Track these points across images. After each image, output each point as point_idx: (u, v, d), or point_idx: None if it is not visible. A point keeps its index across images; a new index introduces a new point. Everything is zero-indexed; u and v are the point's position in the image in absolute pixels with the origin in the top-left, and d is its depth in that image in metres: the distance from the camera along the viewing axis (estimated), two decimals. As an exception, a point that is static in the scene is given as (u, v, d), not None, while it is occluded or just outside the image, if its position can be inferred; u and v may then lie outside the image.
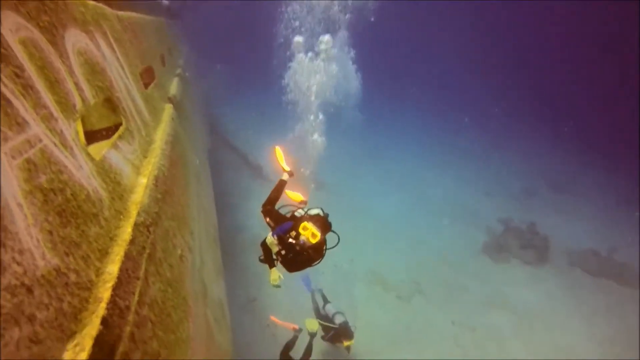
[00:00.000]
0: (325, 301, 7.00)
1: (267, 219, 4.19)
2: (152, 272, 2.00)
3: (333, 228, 3.76)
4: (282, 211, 4.27)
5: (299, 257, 3.71)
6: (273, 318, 6.68)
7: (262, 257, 3.99)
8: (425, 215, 12.63)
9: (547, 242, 11.41)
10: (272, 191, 4.40)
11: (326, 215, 3.87)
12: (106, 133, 2.56)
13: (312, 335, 6.24)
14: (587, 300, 9.50)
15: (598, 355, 7.87)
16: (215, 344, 3.19)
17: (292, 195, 4.64)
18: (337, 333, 6.33)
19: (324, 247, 3.74)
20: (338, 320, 6.44)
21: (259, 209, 4.39)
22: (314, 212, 3.87)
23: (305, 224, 3.58)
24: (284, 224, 3.84)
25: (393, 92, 28.93)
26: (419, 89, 29.47)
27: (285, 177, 4.61)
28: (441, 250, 10.77)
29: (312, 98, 10.14)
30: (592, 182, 17.62)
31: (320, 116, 10.29)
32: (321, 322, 6.58)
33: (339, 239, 3.77)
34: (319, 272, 7.90)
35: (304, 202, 4.56)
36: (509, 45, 36.73)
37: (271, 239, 3.85)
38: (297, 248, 3.60)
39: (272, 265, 3.91)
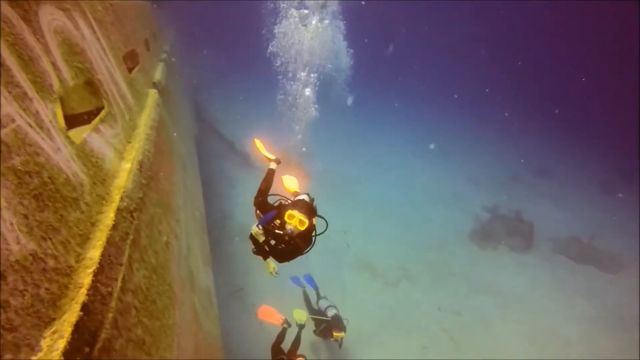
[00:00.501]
0: (319, 297, 6.97)
1: (258, 211, 4.07)
2: (137, 259, 1.95)
3: (320, 213, 3.70)
4: (271, 200, 4.17)
5: (288, 247, 3.62)
6: (261, 314, 6.48)
7: (255, 250, 3.87)
8: (414, 202, 12.73)
9: (532, 229, 11.63)
10: (262, 182, 4.26)
11: (311, 200, 3.81)
12: (87, 117, 2.47)
13: (301, 327, 6.20)
14: (569, 285, 9.76)
15: (579, 334, 8.14)
16: (202, 331, 3.16)
17: (288, 185, 4.48)
18: (328, 326, 6.26)
19: (313, 234, 3.68)
20: (330, 313, 6.38)
21: (246, 198, 4.29)
22: (299, 197, 3.81)
23: (290, 212, 3.47)
24: (267, 214, 3.74)
25: (382, 78, 28.87)
26: (407, 76, 29.45)
27: (272, 165, 4.50)
28: (429, 237, 10.89)
29: (305, 56, 10.03)
30: (576, 170, 18.01)
31: (312, 75, 10.19)
32: (313, 316, 6.54)
33: (327, 224, 3.71)
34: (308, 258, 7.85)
35: (297, 194, 4.44)
36: (499, 32, 36.77)
37: (256, 230, 3.75)
38: (286, 238, 3.50)
39: (266, 257, 3.82)
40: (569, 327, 8.36)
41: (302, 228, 3.45)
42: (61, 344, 1.06)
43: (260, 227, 3.70)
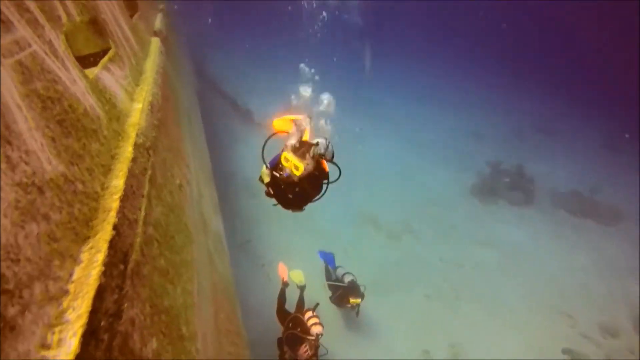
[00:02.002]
0: (336, 266, 7.12)
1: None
2: (154, 195, 1.99)
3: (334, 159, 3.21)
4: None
5: (295, 192, 3.25)
6: (280, 270, 6.66)
7: (267, 192, 3.54)
8: (417, 157, 12.73)
9: (534, 183, 11.71)
10: None
11: (321, 145, 3.18)
12: (94, 58, 2.43)
13: (302, 287, 6.34)
14: (568, 238, 9.97)
15: (575, 284, 8.44)
16: (217, 273, 3.28)
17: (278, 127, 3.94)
18: (344, 292, 6.28)
19: (322, 181, 3.30)
20: (347, 279, 6.46)
21: (249, 155, 4.05)
22: (314, 140, 3.24)
23: (285, 154, 3.08)
24: (277, 154, 3.32)
25: (389, 30, 28.00)
26: (413, 31, 28.47)
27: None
28: (431, 191, 10.99)
29: None
30: (577, 124, 17.86)
31: None
32: (329, 282, 6.67)
33: (340, 172, 3.28)
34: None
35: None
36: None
37: (264, 170, 3.46)
38: (282, 186, 3.22)
39: (270, 196, 3.56)
40: (567, 278, 8.63)
41: (298, 173, 3.09)
42: (100, 257, 1.11)
43: (268, 169, 3.38)
